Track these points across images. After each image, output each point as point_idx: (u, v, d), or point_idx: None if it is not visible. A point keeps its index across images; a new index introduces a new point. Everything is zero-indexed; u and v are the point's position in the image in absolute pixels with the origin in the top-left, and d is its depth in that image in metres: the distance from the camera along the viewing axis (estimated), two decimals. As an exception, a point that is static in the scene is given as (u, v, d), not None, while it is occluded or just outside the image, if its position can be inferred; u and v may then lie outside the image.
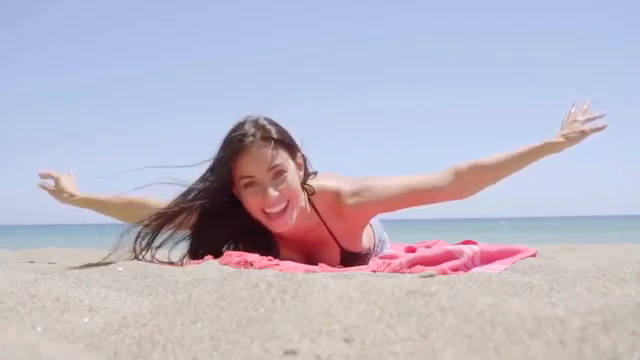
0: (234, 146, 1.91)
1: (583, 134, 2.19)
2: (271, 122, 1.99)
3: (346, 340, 0.65)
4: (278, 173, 1.93)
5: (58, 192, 2.53)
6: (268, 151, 1.91)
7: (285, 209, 1.95)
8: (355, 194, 2.05)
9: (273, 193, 1.91)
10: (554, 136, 2.19)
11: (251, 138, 1.90)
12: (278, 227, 1.97)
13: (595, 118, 2.23)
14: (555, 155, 2.19)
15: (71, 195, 2.51)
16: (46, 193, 2.56)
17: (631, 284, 1.21)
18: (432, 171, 2.13)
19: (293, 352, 0.62)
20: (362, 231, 2.17)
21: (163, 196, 2.17)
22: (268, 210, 1.94)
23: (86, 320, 0.92)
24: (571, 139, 2.18)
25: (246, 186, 1.93)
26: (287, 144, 1.97)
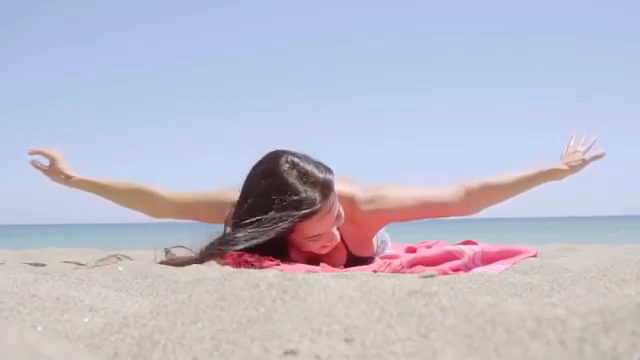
0: (298, 214, 1.83)
1: (584, 162, 2.35)
2: (317, 166, 1.91)
3: (346, 340, 0.65)
4: (338, 217, 1.94)
5: (54, 172, 2.36)
6: (331, 206, 1.89)
7: None
8: (370, 201, 2.06)
9: (337, 234, 1.95)
10: (556, 164, 2.32)
11: (318, 205, 1.84)
12: (326, 250, 2.00)
13: (592, 144, 2.40)
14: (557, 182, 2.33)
15: (68, 176, 2.35)
16: (40, 173, 2.38)
17: (631, 284, 1.21)
18: (443, 185, 2.17)
19: (293, 352, 0.63)
20: (372, 237, 2.18)
21: (166, 187, 2.21)
22: (327, 244, 1.96)
23: (86, 320, 0.92)
24: (573, 167, 2.32)
25: (312, 241, 1.93)
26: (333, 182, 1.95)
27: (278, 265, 1.82)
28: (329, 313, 0.72)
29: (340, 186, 2.07)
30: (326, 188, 1.87)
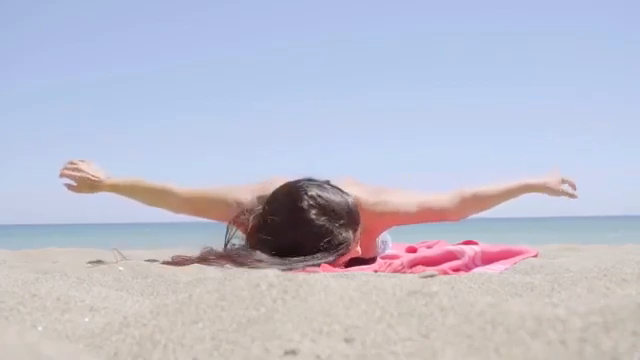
0: (335, 254, 1.86)
1: (561, 192, 2.49)
2: (338, 197, 1.93)
3: (347, 340, 0.65)
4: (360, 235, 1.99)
5: (81, 188, 2.39)
6: (360, 235, 1.95)
7: None
8: (375, 204, 2.08)
9: (358, 248, 1.98)
10: (538, 181, 2.45)
11: (352, 243, 1.90)
12: None
13: (572, 185, 2.55)
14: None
15: (94, 188, 2.37)
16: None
17: (632, 284, 1.21)
18: (441, 191, 2.25)
19: (294, 352, 0.62)
20: (375, 239, 2.19)
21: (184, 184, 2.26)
22: None
23: (87, 320, 0.92)
24: (551, 189, 2.44)
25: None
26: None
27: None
28: (329, 313, 0.72)
29: (346, 188, 2.08)
30: (355, 223, 1.92)
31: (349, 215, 1.90)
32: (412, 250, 2.41)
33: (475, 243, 2.10)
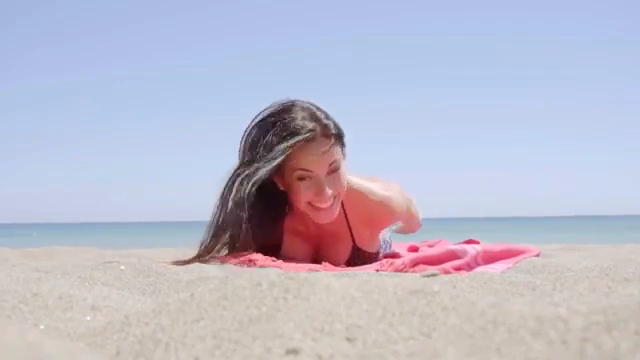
0: (294, 138, 1.86)
1: None
2: (326, 115, 1.95)
3: (348, 339, 0.65)
4: (334, 170, 1.93)
5: None
6: (328, 148, 1.90)
7: (332, 203, 1.96)
8: (387, 199, 2.09)
9: (328, 191, 1.92)
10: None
11: (313, 133, 1.87)
12: (323, 219, 1.99)
13: None
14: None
15: None
16: None
17: (634, 284, 1.21)
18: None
19: (295, 351, 0.62)
20: (379, 233, 2.19)
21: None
22: (318, 205, 1.94)
23: (88, 318, 0.93)
24: None
25: (300, 179, 1.92)
26: (341, 138, 1.97)
27: (276, 262, 1.83)
28: (331, 312, 0.72)
29: (360, 181, 2.09)
30: (327, 130, 1.91)
31: (324, 124, 1.90)
32: (414, 249, 2.41)
33: (477, 242, 2.11)
